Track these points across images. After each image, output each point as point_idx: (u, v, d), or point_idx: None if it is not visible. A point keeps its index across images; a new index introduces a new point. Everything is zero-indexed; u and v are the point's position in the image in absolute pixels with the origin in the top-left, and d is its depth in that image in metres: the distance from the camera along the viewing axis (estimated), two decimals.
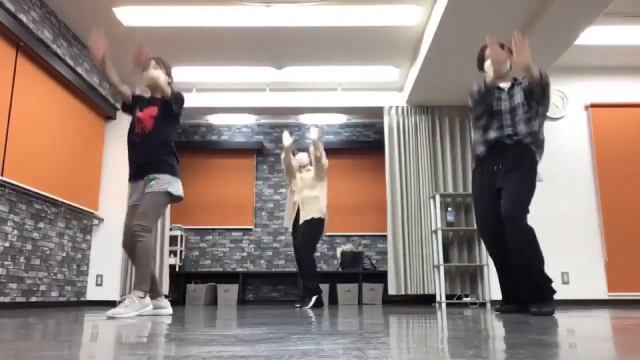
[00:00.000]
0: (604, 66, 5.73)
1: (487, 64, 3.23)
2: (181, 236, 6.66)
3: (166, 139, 3.17)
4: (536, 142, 3.11)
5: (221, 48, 5.25)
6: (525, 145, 3.09)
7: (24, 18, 4.12)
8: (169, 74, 3.28)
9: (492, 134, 3.16)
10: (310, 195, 4.85)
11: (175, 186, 3.13)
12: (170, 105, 3.14)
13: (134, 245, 2.97)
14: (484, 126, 3.21)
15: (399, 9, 4.51)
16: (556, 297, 2.96)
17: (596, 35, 4.92)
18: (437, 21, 4.33)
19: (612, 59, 5.58)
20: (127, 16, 4.62)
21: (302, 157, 5.06)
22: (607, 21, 4.69)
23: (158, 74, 3.20)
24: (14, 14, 4.00)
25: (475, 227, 5.57)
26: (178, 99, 3.18)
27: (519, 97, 3.14)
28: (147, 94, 3.31)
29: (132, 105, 3.23)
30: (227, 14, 4.59)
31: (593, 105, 5.68)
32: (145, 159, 3.11)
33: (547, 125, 5.69)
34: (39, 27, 4.35)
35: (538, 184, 3.19)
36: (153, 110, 3.16)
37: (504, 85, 3.20)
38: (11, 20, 4.00)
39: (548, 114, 5.67)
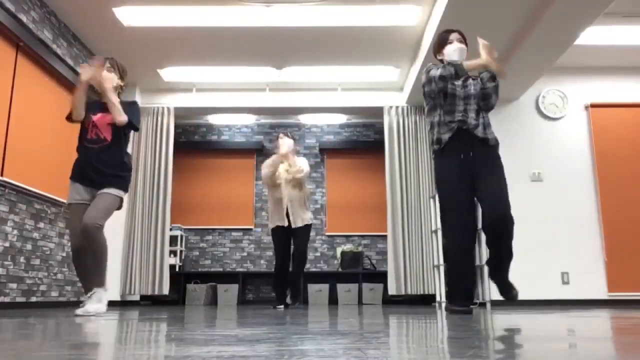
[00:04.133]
0: (604, 66, 5.73)
1: (453, 48, 3.17)
2: (181, 236, 6.66)
3: (125, 150, 3.24)
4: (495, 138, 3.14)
5: (221, 48, 5.25)
6: (492, 140, 3.09)
7: (24, 18, 4.12)
8: (122, 77, 3.27)
9: (449, 117, 3.09)
10: (299, 194, 4.71)
11: (124, 194, 3.24)
12: (130, 126, 3.17)
13: (87, 243, 3.02)
14: (448, 109, 3.12)
15: (399, 9, 4.51)
16: (556, 297, 2.97)
17: (596, 35, 4.92)
18: (437, 21, 4.33)
19: (612, 59, 5.58)
20: (127, 16, 4.62)
21: (285, 142, 4.69)
22: (607, 21, 4.69)
23: (110, 77, 3.19)
24: (14, 14, 4.00)
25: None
26: (134, 110, 3.19)
27: (477, 88, 3.16)
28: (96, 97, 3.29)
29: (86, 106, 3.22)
30: (227, 14, 4.59)
31: (593, 105, 5.68)
32: (103, 172, 3.12)
33: (548, 125, 5.70)
34: (39, 27, 4.35)
35: (538, 183, 3.20)
36: (109, 118, 3.14)
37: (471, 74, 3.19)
38: (11, 20, 4.00)
39: (548, 114, 5.70)
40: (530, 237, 5.36)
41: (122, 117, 3.11)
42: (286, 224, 4.68)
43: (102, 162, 3.12)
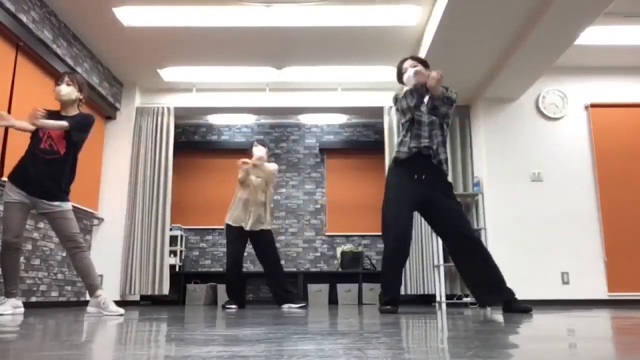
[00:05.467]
0: (604, 66, 5.73)
1: (407, 75, 3.38)
2: (181, 236, 6.66)
3: (75, 162, 3.31)
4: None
5: (221, 48, 5.25)
6: (444, 167, 3.34)
7: (24, 18, 4.12)
8: (81, 90, 3.33)
9: (414, 142, 3.31)
10: (263, 200, 4.82)
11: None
12: (70, 135, 3.21)
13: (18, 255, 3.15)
14: (415, 134, 3.34)
15: (399, 9, 4.51)
16: (556, 297, 2.99)
17: (596, 35, 4.91)
18: (437, 21, 4.33)
19: (612, 59, 5.58)
20: (127, 16, 4.62)
21: (259, 151, 4.85)
22: (607, 21, 4.68)
23: (69, 91, 3.28)
24: (14, 14, 4.00)
25: (475, 227, 5.59)
26: (81, 125, 3.24)
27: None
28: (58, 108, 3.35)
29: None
30: (227, 14, 4.59)
31: (593, 105, 5.68)
32: (53, 184, 3.17)
33: (548, 125, 5.70)
34: (39, 27, 4.35)
35: (538, 183, 3.30)
36: (63, 132, 3.19)
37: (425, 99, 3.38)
38: (11, 20, 4.00)
39: (548, 114, 5.70)
40: (530, 237, 5.36)
41: (62, 124, 3.17)
42: (247, 227, 4.73)
43: (54, 175, 3.18)
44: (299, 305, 4.65)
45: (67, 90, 3.27)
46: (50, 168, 3.16)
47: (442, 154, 3.31)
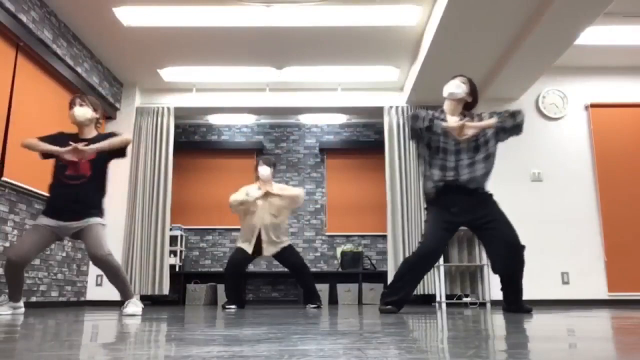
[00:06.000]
0: (604, 66, 5.73)
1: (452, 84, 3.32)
2: (181, 236, 6.66)
3: (104, 182, 3.30)
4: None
5: (221, 48, 5.25)
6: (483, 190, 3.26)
7: (24, 18, 4.12)
8: (96, 110, 3.31)
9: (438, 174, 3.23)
10: (275, 221, 4.71)
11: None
12: (120, 153, 3.24)
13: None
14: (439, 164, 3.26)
15: (399, 9, 4.51)
16: (556, 297, 3.00)
17: (596, 35, 4.91)
18: (437, 21, 4.33)
19: (612, 59, 5.58)
20: (127, 16, 4.62)
21: (265, 171, 4.76)
22: (607, 21, 4.68)
23: (84, 112, 3.25)
24: (14, 14, 4.00)
25: None
26: (124, 145, 3.25)
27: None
28: (71, 131, 3.33)
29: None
30: (227, 14, 4.59)
31: (593, 105, 5.68)
32: (81, 205, 3.17)
33: (548, 125, 5.70)
34: (39, 27, 4.35)
35: (538, 183, 3.30)
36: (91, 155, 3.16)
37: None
38: (11, 20, 4.00)
39: (548, 114, 5.70)
40: (530, 237, 5.34)
41: (124, 138, 3.22)
42: (251, 251, 4.71)
43: (83, 197, 3.18)
44: (313, 305, 4.71)
45: (82, 111, 3.24)
46: (78, 192, 3.16)
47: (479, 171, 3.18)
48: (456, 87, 3.26)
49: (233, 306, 4.61)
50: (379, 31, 4.90)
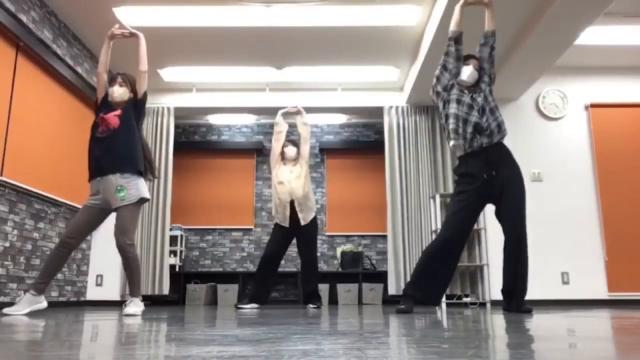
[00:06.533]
0: (604, 66, 5.73)
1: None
2: (181, 236, 6.66)
3: (133, 135, 3.30)
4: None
5: (221, 48, 5.25)
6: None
7: (24, 18, 4.12)
8: (133, 90, 3.41)
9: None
10: (303, 192, 4.76)
11: (143, 189, 3.28)
12: (140, 103, 3.37)
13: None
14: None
15: (399, 9, 4.51)
16: (556, 297, 2.99)
17: (596, 35, 4.91)
18: (437, 21, 4.33)
19: (612, 59, 5.58)
20: (127, 16, 4.62)
21: (291, 152, 4.93)
22: (607, 21, 4.68)
23: (122, 92, 3.36)
24: (14, 14, 4.00)
25: (475, 227, 5.58)
26: (145, 99, 3.41)
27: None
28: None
29: (100, 105, 3.37)
30: (227, 14, 4.59)
31: (593, 105, 5.68)
32: (110, 155, 3.22)
33: (548, 125, 5.70)
34: (39, 27, 4.35)
35: (538, 183, 3.29)
36: (118, 112, 3.29)
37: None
38: (11, 20, 4.00)
39: (548, 114, 5.70)
40: (530, 237, 5.33)
41: (144, 67, 3.38)
42: (288, 224, 4.74)
43: (115, 148, 3.23)
44: (314, 306, 4.70)
45: (120, 92, 3.34)
46: (109, 143, 3.22)
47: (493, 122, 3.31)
48: (470, 76, 3.48)
49: (250, 305, 4.60)
50: (379, 31, 4.90)
